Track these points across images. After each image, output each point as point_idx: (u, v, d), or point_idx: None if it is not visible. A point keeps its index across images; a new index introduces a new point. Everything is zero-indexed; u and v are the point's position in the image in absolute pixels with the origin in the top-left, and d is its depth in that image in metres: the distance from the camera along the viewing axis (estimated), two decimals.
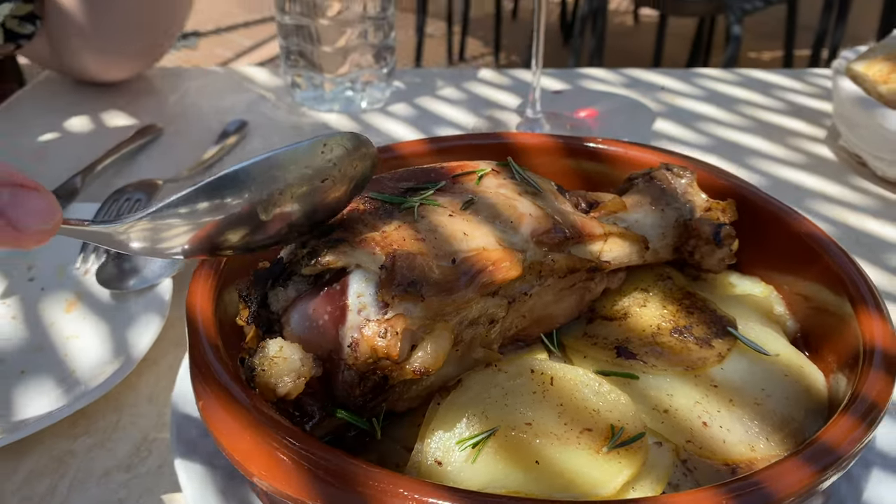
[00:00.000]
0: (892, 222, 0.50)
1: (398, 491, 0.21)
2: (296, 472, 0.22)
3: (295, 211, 0.25)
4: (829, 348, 0.31)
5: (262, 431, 0.23)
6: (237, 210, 0.24)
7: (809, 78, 0.72)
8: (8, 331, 0.39)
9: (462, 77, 0.74)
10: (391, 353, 0.25)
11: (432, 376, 0.27)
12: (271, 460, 0.22)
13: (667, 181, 0.34)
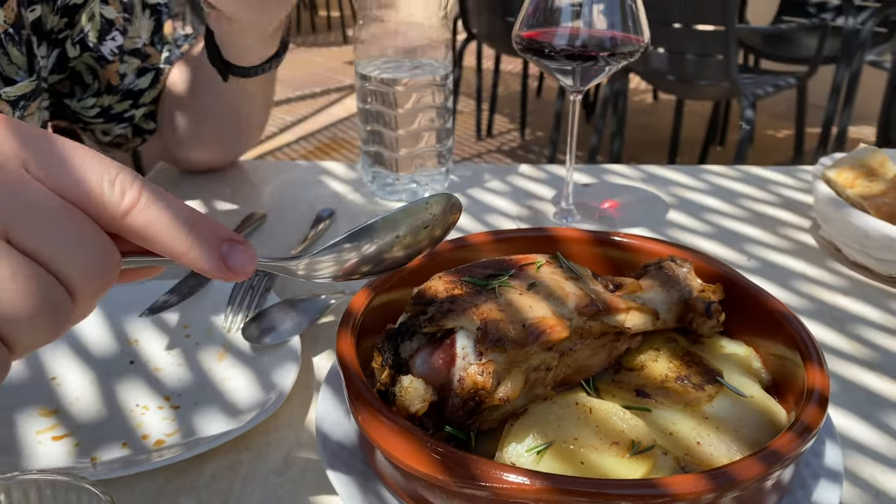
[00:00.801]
0: (860, 299, 0.62)
1: (495, 472, 0.34)
2: (429, 458, 0.35)
3: (407, 250, 0.38)
4: (789, 392, 0.43)
5: (404, 433, 0.36)
6: (369, 251, 0.37)
7: (799, 175, 0.85)
8: (178, 374, 0.52)
9: (506, 172, 0.88)
10: (486, 385, 0.37)
11: (509, 405, 0.40)
12: (412, 451, 0.35)
13: (671, 270, 0.47)
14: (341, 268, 0.37)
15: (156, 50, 0.79)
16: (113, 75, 0.75)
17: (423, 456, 0.35)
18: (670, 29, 2.26)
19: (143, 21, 0.78)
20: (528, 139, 3.65)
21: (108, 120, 0.78)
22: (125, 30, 0.75)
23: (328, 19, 6.05)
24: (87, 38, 0.73)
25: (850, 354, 0.56)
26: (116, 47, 0.75)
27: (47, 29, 0.71)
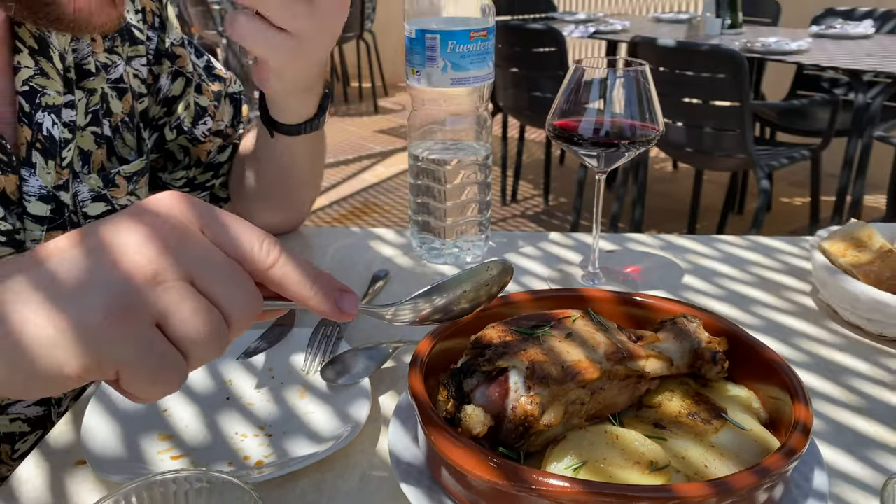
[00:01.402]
0: (852, 355, 0.71)
1: (542, 478, 0.43)
2: (489, 467, 0.44)
3: (470, 303, 0.48)
4: (782, 426, 0.52)
5: (469, 448, 0.45)
6: (440, 303, 0.47)
7: (801, 244, 0.95)
8: (268, 409, 0.62)
9: (537, 238, 0.99)
10: (534, 413, 0.47)
11: (551, 431, 0.49)
12: (476, 462, 0.44)
13: (684, 325, 0.57)
14: (418, 315, 0.48)
15: (234, 131, 0.92)
16: (202, 153, 0.88)
17: (484, 466, 0.44)
18: (688, 104, 2.39)
19: (226, 107, 0.91)
20: (551, 205, 3.78)
21: (193, 189, 0.90)
22: (214, 115, 0.88)
23: (360, 90, 6.32)
24: (182, 123, 0.86)
25: (841, 401, 0.64)
26: (207, 129, 0.87)
27: (150, 116, 0.84)
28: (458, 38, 0.81)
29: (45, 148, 0.66)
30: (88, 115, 0.72)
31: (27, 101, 0.65)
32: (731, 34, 3.01)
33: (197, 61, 0.87)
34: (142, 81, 0.81)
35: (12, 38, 0.65)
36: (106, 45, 0.75)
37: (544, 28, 2.82)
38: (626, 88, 0.75)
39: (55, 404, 0.73)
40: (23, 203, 0.65)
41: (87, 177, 0.72)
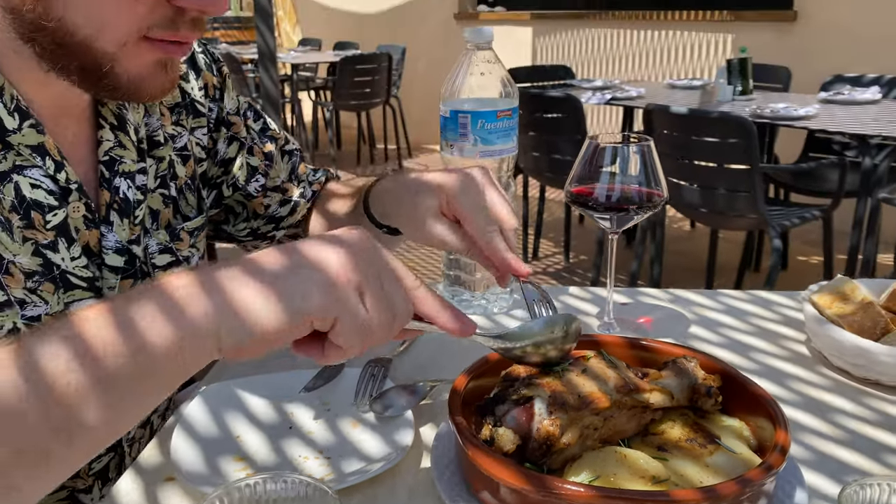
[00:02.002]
0: (840, 395, 0.80)
1: (561, 483, 0.52)
2: (518, 475, 0.54)
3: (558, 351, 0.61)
4: (767, 450, 0.61)
5: (502, 461, 0.55)
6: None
7: (797, 298, 1.04)
8: (325, 436, 0.72)
9: (558, 292, 1.09)
10: (555, 433, 0.56)
11: (569, 450, 0.59)
12: (508, 472, 0.54)
13: (683, 365, 0.67)
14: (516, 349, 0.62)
15: (293, 185, 1.02)
16: (259, 206, 0.99)
17: (515, 475, 0.54)
18: (701, 167, 2.51)
19: (282, 165, 1.02)
20: (572, 262, 3.88)
21: (256, 238, 1.02)
22: (266, 173, 0.99)
23: (385, 152, 6.54)
24: (237, 182, 0.97)
25: (827, 435, 0.73)
26: (260, 186, 0.99)
27: (209, 176, 0.96)
28: (486, 118, 0.93)
29: (121, 208, 0.78)
30: (157, 179, 0.84)
31: (107, 168, 0.77)
32: (742, 100, 3.14)
33: (253, 125, 0.98)
34: (202, 148, 0.92)
35: (96, 117, 0.78)
36: (173, 118, 0.88)
37: (562, 96, 2.97)
38: (633, 160, 0.87)
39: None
40: (102, 255, 0.77)
41: (156, 232, 0.84)
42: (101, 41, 0.63)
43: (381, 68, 5.72)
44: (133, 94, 0.69)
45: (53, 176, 0.71)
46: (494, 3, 6.43)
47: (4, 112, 0.66)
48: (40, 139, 0.69)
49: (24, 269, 0.69)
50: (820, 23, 4.22)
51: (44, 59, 0.64)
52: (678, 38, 4.94)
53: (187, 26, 0.65)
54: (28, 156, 0.69)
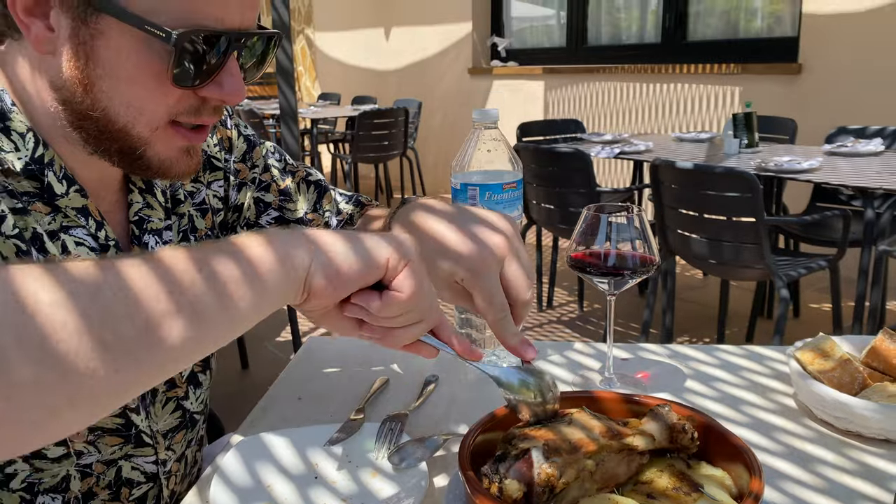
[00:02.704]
0: (822, 446, 0.86)
1: None
2: None
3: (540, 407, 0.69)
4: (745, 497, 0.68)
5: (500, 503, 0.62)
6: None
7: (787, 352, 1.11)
8: (348, 486, 0.80)
9: (564, 347, 1.17)
10: (553, 475, 0.64)
11: (569, 494, 0.66)
12: None
13: (659, 411, 0.74)
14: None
15: (318, 215, 1.07)
16: None
17: None
18: (708, 219, 2.59)
19: (305, 195, 1.07)
20: (585, 311, 3.94)
21: None
22: (282, 207, 1.06)
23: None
24: (249, 219, 1.06)
25: (807, 483, 0.79)
26: (272, 219, 1.05)
27: (228, 223, 1.05)
28: (493, 190, 1.02)
29: None
30: (180, 233, 0.94)
31: (137, 227, 0.88)
32: (748, 153, 3.23)
33: (274, 163, 1.06)
34: (219, 199, 1.02)
35: (127, 182, 0.88)
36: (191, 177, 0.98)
37: (572, 151, 3.08)
38: (627, 229, 0.95)
39: (161, 464, 0.91)
40: None
41: None
42: (137, 127, 0.75)
43: (397, 122, 5.89)
44: (163, 174, 0.81)
45: (94, 234, 0.82)
46: (507, 59, 6.63)
47: (55, 179, 0.77)
48: (84, 202, 0.81)
49: None
50: (824, 75, 4.32)
51: (88, 143, 0.77)
52: (687, 91, 5.06)
53: (209, 112, 0.78)
54: (74, 217, 0.80)
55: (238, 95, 0.76)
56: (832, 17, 4.27)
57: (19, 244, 0.73)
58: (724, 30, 5.18)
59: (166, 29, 0.69)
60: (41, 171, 0.76)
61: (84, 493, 0.84)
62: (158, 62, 0.71)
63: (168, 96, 0.74)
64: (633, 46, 5.73)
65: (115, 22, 0.69)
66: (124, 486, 0.88)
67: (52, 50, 0.72)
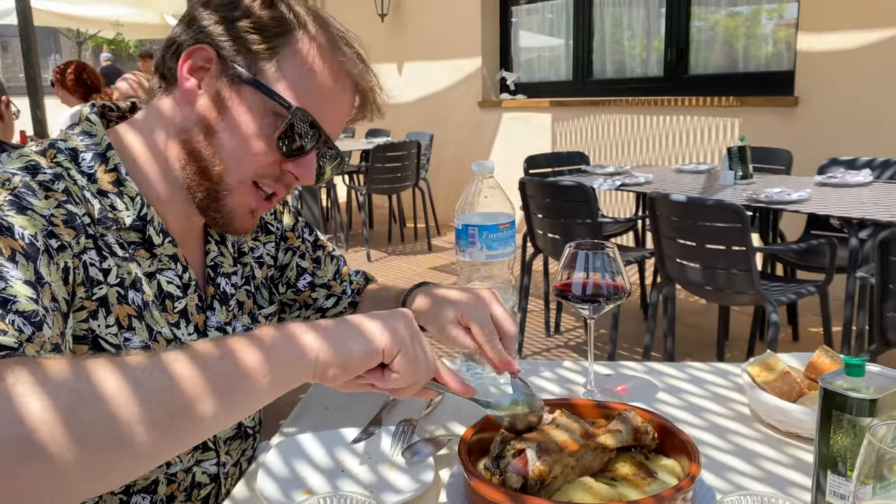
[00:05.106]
0: (767, 446, 1.02)
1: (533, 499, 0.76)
2: (504, 494, 0.77)
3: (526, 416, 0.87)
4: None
5: (490, 485, 0.79)
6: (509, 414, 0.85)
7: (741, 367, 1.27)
8: (369, 477, 0.97)
9: (554, 366, 1.34)
10: (546, 470, 0.80)
11: (556, 484, 0.82)
12: (495, 492, 0.78)
13: (626, 415, 0.91)
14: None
15: (336, 283, 1.29)
16: (307, 299, 1.27)
17: (500, 494, 0.78)
18: (702, 248, 2.75)
19: (329, 267, 1.30)
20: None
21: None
22: (314, 273, 1.27)
23: (415, 230, 6.88)
24: (290, 280, 1.25)
25: (749, 474, 0.96)
26: (307, 283, 1.26)
27: (273, 279, 1.24)
28: (490, 230, 1.21)
29: (221, 299, 1.08)
30: (243, 279, 1.13)
31: (212, 271, 1.08)
32: (742, 184, 3.40)
33: (308, 237, 1.27)
34: (271, 257, 1.22)
35: (206, 235, 1.08)
36: (252, 235, 1.17)
37: (574, 185, 3.26)
38: (602, 262, 1.12)
39: (222, 466, 1.09)
40: (206, 332, 1.05)
41: (241, 317, 1.12)
42: (230, 175, 0.95)
43: (410, 154, 6.11)
44: (226, 224, 1.00)
45: (181, 276, 1.02)
46: (516, 92, 6.85)
47: (154, 233, 0.97)
48: (175, 251, 1.01)
49: (165, 338, 0.98)
50: (819, 108, 4.50)
51: (186, 180, 0.96)
52: (688, 123, 5.25)
53: (282, 185, 0.97)
54: (166, 262, 1.00)
55: (310, 178, 0.97)
56: (827, 53, 4.46)
57: (119, 290, 0.93)
58: (724, 64, 5.38)
59: (290, 103, 0.91)
60: (144, 226, 0.95)
61: (167, 496, 1.02)
62: (271, 128, 0.92)
63: (263, 157, 0.93)
64: (636, 80, 5.93)
65: (253, 91, 0.91)
66: (195, 489, 1.06)
67: (193, 101, 0.93)
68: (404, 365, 0.78)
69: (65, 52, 22.02)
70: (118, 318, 0.92)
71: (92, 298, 0.89)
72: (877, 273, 2.10)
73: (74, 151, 0.94)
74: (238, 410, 0.70)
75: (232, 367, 0.68)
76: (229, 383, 0.68)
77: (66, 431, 0.58)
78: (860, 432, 0.79)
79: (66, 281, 0.84)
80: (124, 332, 0.93)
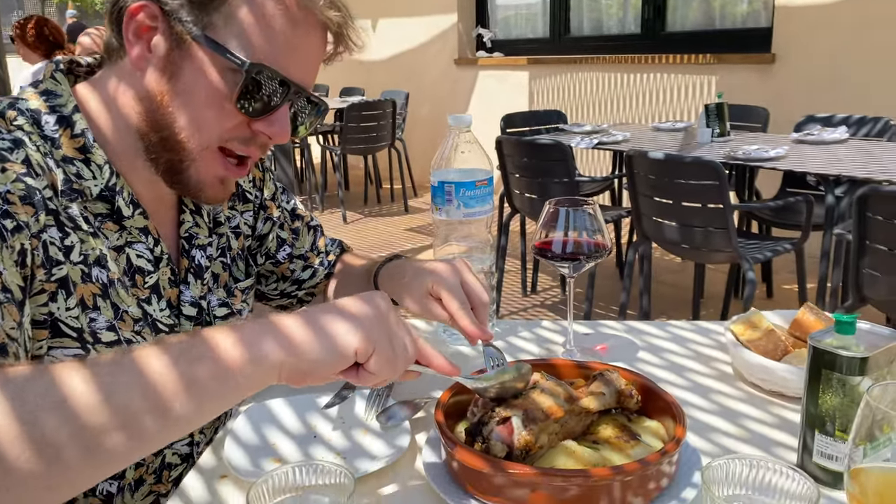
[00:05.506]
0: (750, 405, 1.00)
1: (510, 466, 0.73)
2: (481, 459, 0.74)
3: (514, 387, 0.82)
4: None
5: (468, 450, 0.76)
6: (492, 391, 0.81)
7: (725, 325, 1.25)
8: (342, 442, 0.93)
9: (533, 325, 1.31)
10: (532, 440, 0.77)
11: (541, 452, 0.79)
12: (473, 458, 0.75)
13: (608, 376, 0.88)
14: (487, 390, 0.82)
15: (313, 254, 1.25)
16: (285, 270, 1.22)
17: (483, 462, 0.75)
18: (679, 206, 2.73)
19: (306, 238, 1.25)
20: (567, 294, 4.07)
21: (282, 297, 1.24)
22: (293, 244, 1.22)
23: (391, 191, 6.80)
24: (269, 251, 1.20)
25: (732, 434, 0.94)
26: (287, 255, 1.21)
27: (251, 249, 1.18)
28: (467, 187, 1.16)
29: (195, 272, 1.01)
30: (219, 250, 1.07)
31: (187, 242, 1.01)
32: (719, 142, 3.38)
33: (286, 205, 1.22)
34: (249, 226, 1.16)
35: (180, 204, 1.02)
36: (229, 204, 1.11)
37: (552, 143, 3.21)
38: (582, 220, 1.08)
39: (196, 445, 1.04)
40: (180, 307, 0.99)
41: (217, 290, 1.06)
42: (191, 142, 0.88)
43: (385, 114, 6.00)
44: (195, 195, 0.94)
45: (152, 249, 0.95)
46: (492, 49, 6.74)
47: (123, 204, 0.91)
48: (145, 223, 0.94)
49: (133, 317, 0.92)
50: (796, 65, 4.47)
51: (148, 151, 0.89)
52: (664, 81, 5.20)
53: (255, 146, 0.91)
54: (136, 235, 0.94)
55: (284, 136, 0.90)
56: (804, 9, 4.41)
57: (83, 268, 0.86)
58: (702, 21, 5.32)
59: (243, 59, 0.83)
60: (113, 196, 0.89)
61: (136, 480, 0.98)
62: (228, 88, 0.84)
63: (226, 120, 0.86)
64: (613, 37, 5.85)
65: (203, 49, 0.83)
66: (165, 470, 1.01)
67: (144, 67, 0.85)
68: (381, 364, 0.71)
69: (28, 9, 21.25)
70: (82, 298, 0.86)
71: (51, 280, 0.82)
72: (854, 229, 2.09)
73: (37, 114, 0.86)
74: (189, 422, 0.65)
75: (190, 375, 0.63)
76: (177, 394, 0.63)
77: (27, 440, 0.55)
78: (850, 391, 0.77)
79: (21, 265, 0.77)
80: (89, 311, 0.87)
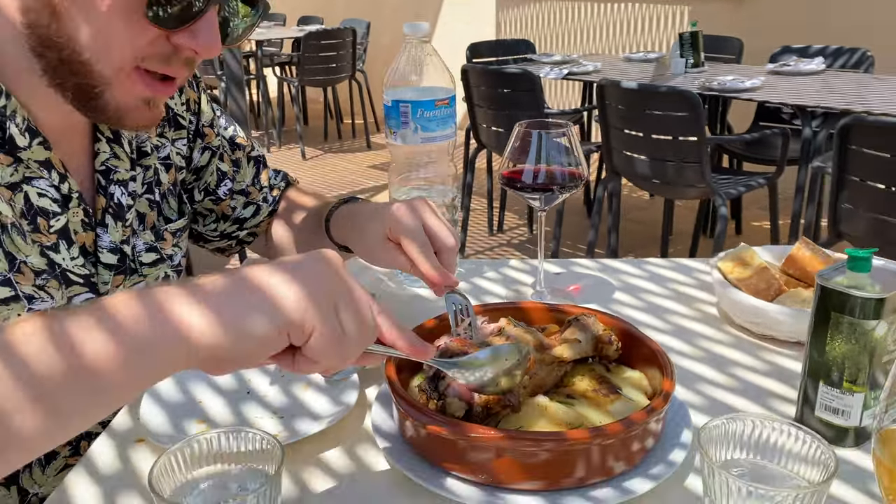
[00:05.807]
0: (739, 351, 0.90)
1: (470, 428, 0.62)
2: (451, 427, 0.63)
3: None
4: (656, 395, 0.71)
5: (418, 409, 0.64)
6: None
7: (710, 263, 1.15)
8: (280, 399, 0.81)
9: (499, 265, 1.19)
10: (492, 399, 0.66)
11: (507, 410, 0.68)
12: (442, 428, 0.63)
13: (584, 320, 0.76)
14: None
15: (255, 189, 1.10)
16: (226, 208, 1.06)
17: (438, 424, 0.63)
18: (652, 139, 2.61)
19: (248, 170, 1.09)
20: (535, 234, 3.98)
21: (222, 238, 1.09)
22: (234, 178, 1.07)
23: (353, 127, 6.57)
24: (208, 186, 1.04)
25: (721, 384, 0.84)
26: (228, 190, 1.06)
27: (185, 182, 1.03)
28: (425, 107, 1.01)
29: (115, 212, 0.86)
30: (144, 185, 0.92)
31: (103, 177, 0.85)
32: (693, 73, 3.24)
33: (224, 133, 1.05)
34: (182, 157, 1.00)
35: (94, 131, 0.85)
36: (157, 130, 0.95)
37: (520, 72, 3.05)
38: (556, 145, 0.95)
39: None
40: (97, 254, 0.84)
41: (143, 233, 0.91)
42: (100, 64, 0.70)
43: (345, 43, 5.72)
44: (117, 121, 0.77)
45: (57, 186, 0.79)
46: None
47: (17, 132, 0.74)
48: (47, 155, 0.77)
49: (34, 269, 0.77)
50: None
51: (47, 73, 0.72)
52: (636, 11, 5.02)
53: (179, 63, 0.74)
54: (36, 169, 0.77)
55: (212, 49, 0.72)
56: None
57: None
58: None
59: None
60: (2, 122, 0.73)
61: (47, 454, 0.83)
62: None
63: (139, 35, 0.69)
64: None
65: None
66: (84, 440, 0.88)
67: None
68: (323, 346, 0.55)
69: None
70: None
71: None
72: (834, 162, 1.99)
73: None
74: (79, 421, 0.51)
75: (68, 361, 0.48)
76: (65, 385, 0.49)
77: None
78: (862, 337, 0.67)
79: None
80: None
